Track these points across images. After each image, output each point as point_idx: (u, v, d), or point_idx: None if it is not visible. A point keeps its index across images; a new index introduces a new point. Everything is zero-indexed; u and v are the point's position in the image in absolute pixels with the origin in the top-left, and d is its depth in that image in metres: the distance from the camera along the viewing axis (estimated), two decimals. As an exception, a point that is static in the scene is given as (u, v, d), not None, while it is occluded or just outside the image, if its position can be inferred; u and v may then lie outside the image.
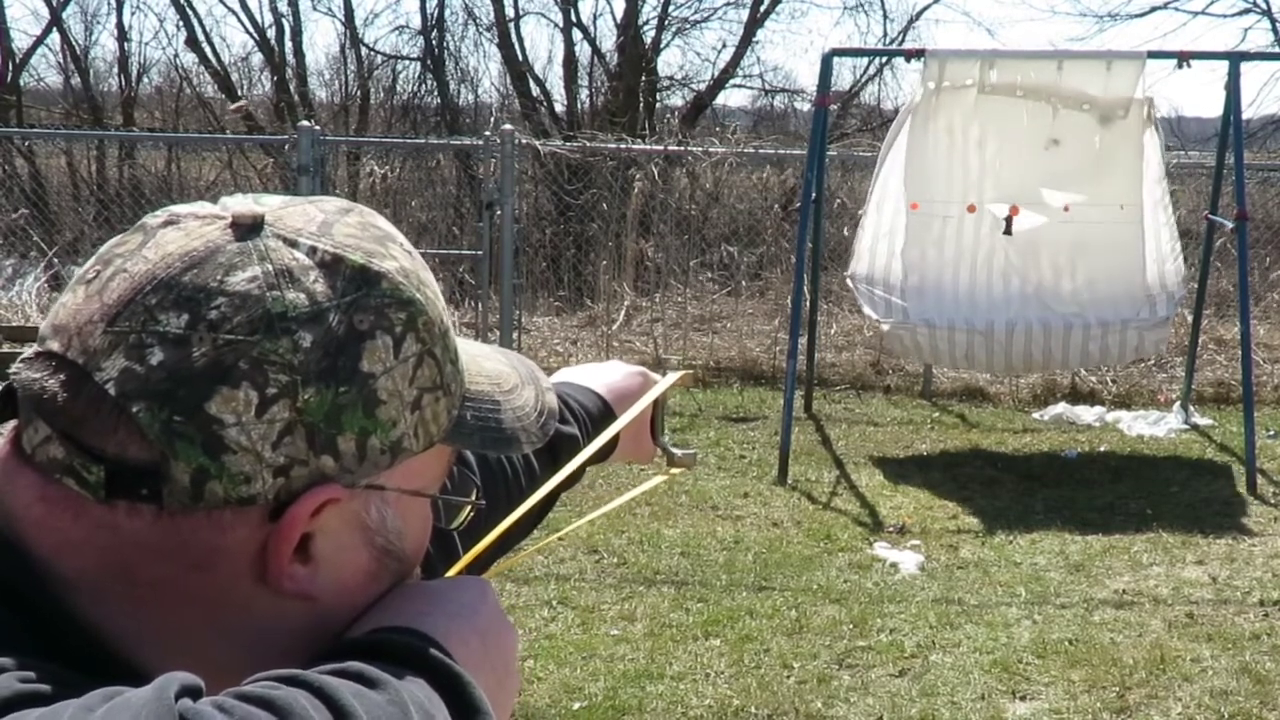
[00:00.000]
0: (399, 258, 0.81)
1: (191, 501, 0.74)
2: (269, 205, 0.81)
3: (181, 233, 0.78)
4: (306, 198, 0.84)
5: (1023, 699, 4.35)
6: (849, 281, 7.75)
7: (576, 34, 19.32)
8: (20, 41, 19.67)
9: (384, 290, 0.78)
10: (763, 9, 19.32)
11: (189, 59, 19.34)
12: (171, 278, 0.75)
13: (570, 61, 19.20)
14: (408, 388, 0.78)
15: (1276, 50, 19.16)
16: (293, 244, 0.78)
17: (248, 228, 0.78)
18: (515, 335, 9.14)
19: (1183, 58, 7.09)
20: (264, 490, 0.74)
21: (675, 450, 1.43)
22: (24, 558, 0.75)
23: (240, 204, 0.81)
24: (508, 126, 9.55)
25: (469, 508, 0.93)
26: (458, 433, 0.83)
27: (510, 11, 18.93)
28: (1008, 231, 7.33)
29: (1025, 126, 7.25)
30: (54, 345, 0.76)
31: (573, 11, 19.12)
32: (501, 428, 0.86)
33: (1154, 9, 20.08)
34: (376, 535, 0.81)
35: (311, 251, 0.77)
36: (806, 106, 18.25)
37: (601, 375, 1.46)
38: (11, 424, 0.79)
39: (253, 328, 0.74)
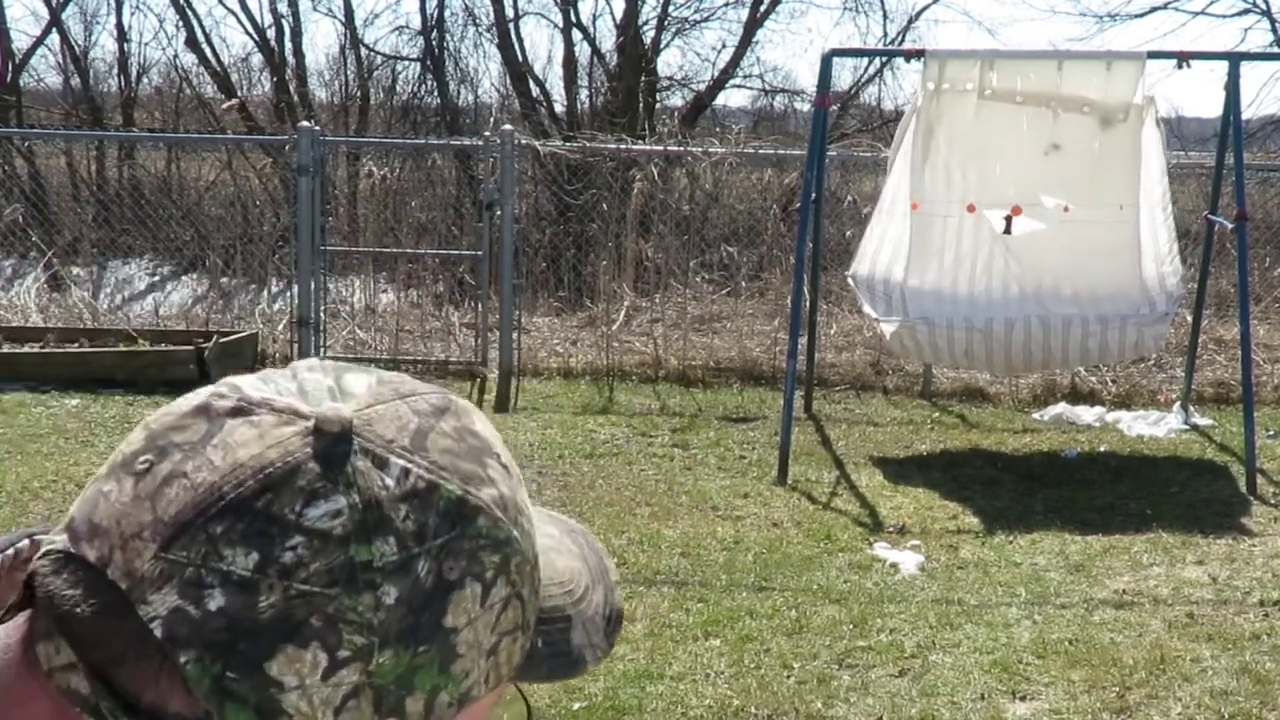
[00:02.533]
0: (497, 480, 0.72)
1: None
2: (356, 399, 0.71)
3: (255, 432, 0.68)
4: (399, 392, 0.73)
5: (1023, 699, 4.35)
6: (849, 281, 7.76)
7: (576, 34, 19.35)
8: (20, 42, 19.68)
9: (480, 529, 0.69)
10: (762, 9, 19.34)
11: (189, 59, 19.37)
12: (243, 500, 0.65)
13: (570, 62, 19.21)
14: (489, 636, 0.70)
15: (1276, 50, 19.16)
16: (382, 464, 0.68)
17: (334, 437, 0.68)
18: (515, 335, 9.14)
19: (1183, 58, 7.09)
20: None
21: None
22: None
23: (325, 401, 0.71)
24: (507, 127, 9.55)
25: None
26: (528, 666, 0.75)
27: (510, 12, 18.95)
28: (1008, 230, 7.34)
29: (1025, 132, 7.26)
30: (90, 552, 0.66)
31: (572, 12, 19.14)
32: (570, 649, 0.77)
33: (1154, 9, 20.09)
34: None
35: (404, 475, 0.68)
36: (806, 107, 18.26)
37: None
38: (24, 617, 0.68)
39: (332, 578, 0.65)
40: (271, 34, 19.44)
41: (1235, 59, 7.25)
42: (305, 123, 9.80)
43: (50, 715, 0.66)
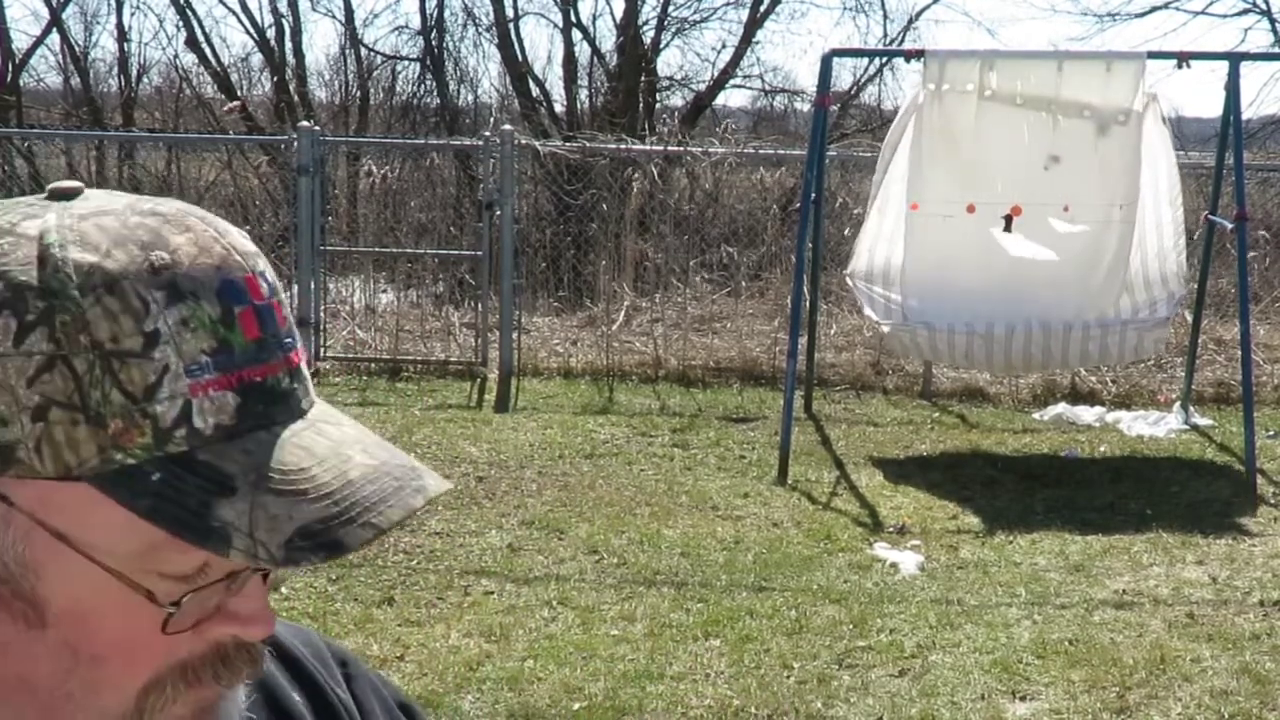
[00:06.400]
0: (113, 260, 0.71)
1: None
2: (115, 194, 0.77)
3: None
4: (160, 201, 0.78)
5: (1023, 699, 4.35)
6: (849, 280, 7.76)
7: (576, 34, 19.35)
8: (20, 42, 19.68)
9: (44, 275, 0.70)
10: (762, 9, 19.34)
11: (189, 59, 19.37)
12: None
13: (570, 62, 19.21)
14: (25, 388, 0.69)
15: (1276, 50, 19.16)
16: (42, 215, 0.73)
17: (55, 193, 0.76)
18: (515, 335, 9.14)
19: (1183, 58, 7.09)
20: None
21: None
22: None
23: (101, 191, 0.78)
24: (507, 127, 9.56)
25: (171, 614, 0.75)
26: (122, 483, 0.70)
27: (510, 12, 18.95)
28: (1008, 229, 7.34)
29: (1026, 139, 7.26)
30: None
31: (572, 12, 19.14)
32: (201, 512, 0.70)
33: (1154, 9, 20.10)
34: None
35: (43, 225, 0.72)
36: (806, 107, 18.26)
37: None
38: None
39: None
40: (271, 34, 19.46)
41: (1235, 59, 7.25)
42: (305, 123, 9.80)
43: None
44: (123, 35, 19.71)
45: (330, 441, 0.76)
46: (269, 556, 0.70)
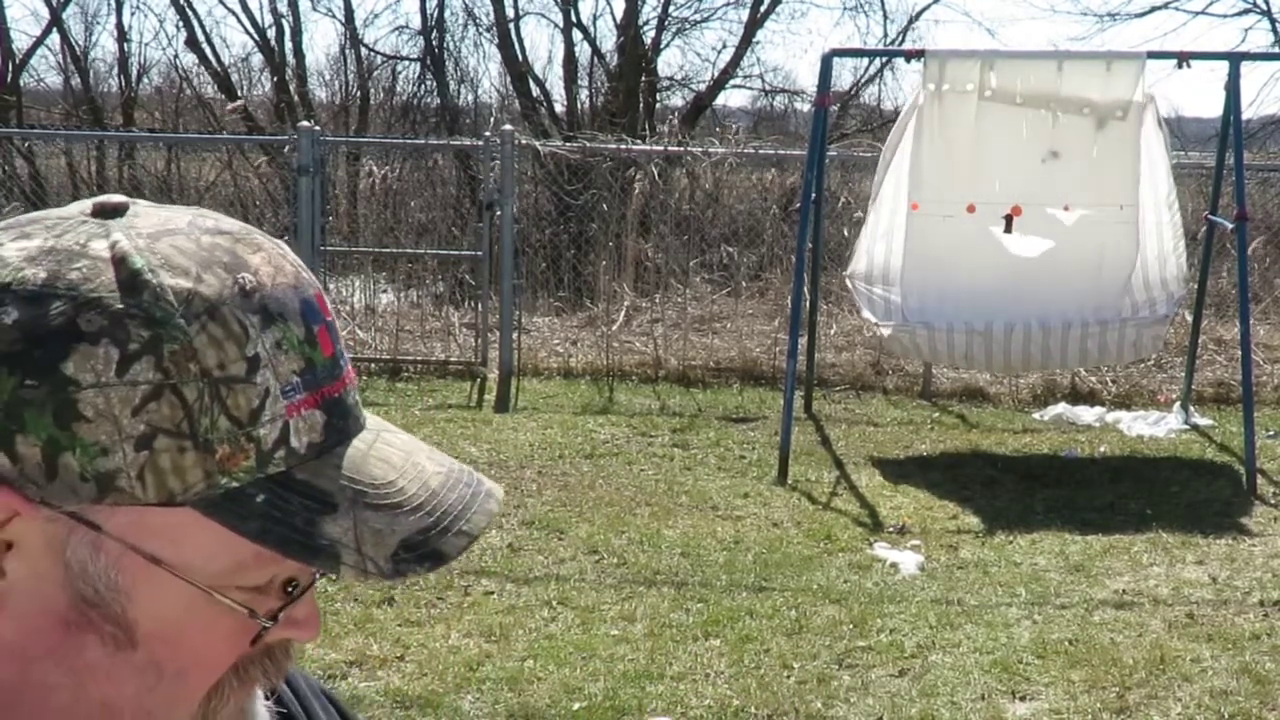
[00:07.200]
0: (208, 285, 0.71)
1: None
2: (163, 208, 0.76)
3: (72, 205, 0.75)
4: (214, 216, 0.77)
5: (1023, 699, 4.35)
6: (848, 281, 7.76)
7: (576, 34, 19.34)
8: (20, 42, 19.67)
9: (141, 302, 0.69)
10: (763, 9, 19.33)
11: (189, 59, 19.36)
12: None
13: (570, 62, 19.21)
14: (129, 417, 0.68)
15: (1276, 50, 19.16)
16: (106, 235, 0.72)
17: (103, 210, 0.74)
18: (515, 335, 9.14)
19: (1183, 58, 7.09)
20: None
21: None
22: None
23: (142, 203, 0.76)
24: (508, 127, 9.55)
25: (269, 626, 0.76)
26: (228, 507, 0.71)
27: (510, 12, 18.94)
28: (1008, 230, 7.34)
29: (1025, 135, 7.26)
30: None
31: (573, 12, 19.13)
32: (308, 530, 0.72)
33: (1154, 9, 20.10)
34: (79, 580, 0.71)
35: (112, 246, 0.71)
36: (806, 107, 18.26)
37: None
38: None
39: None
40: (271, 34, 19.44)
41: (1235, 59, 7.25)
42: (305, 123, 9.80)
43: None
44: (123, 35, 19.70)
45: (400, 451, 0.78)
46: (378, 571, 0.72)
